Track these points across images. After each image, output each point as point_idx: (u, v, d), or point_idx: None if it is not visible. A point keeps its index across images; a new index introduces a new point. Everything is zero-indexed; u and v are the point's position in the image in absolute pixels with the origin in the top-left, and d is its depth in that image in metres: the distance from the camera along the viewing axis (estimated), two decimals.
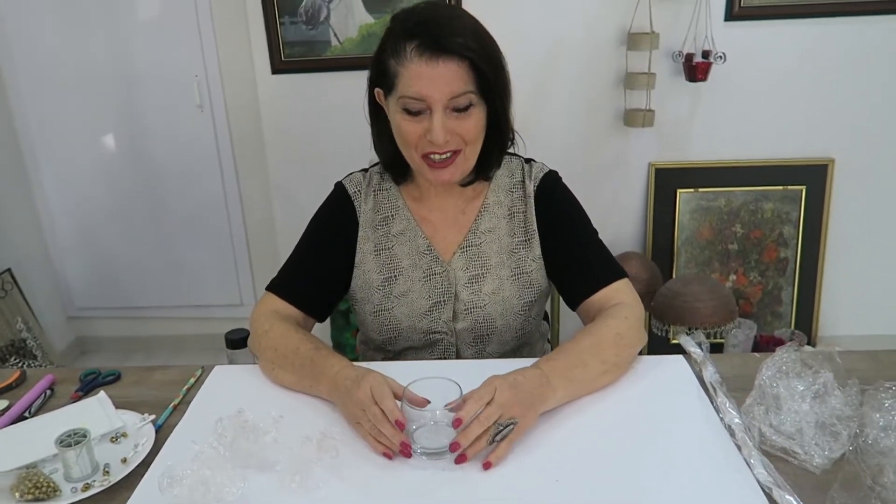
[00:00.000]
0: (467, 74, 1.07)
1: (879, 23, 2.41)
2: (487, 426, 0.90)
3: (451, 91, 1.07)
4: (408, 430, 0.93)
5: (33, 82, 2.63)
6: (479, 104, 1.10)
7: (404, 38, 1.07)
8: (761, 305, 2.69)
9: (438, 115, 1.07)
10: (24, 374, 1.20)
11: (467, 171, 1.18)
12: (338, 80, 2.56)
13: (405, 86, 1.08)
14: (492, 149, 1.19)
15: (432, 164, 1.13)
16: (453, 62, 1.06)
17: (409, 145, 1.13)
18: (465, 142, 1.12)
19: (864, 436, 0.89)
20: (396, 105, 1.11)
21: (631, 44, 2.40)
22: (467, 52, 1.06)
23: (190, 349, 2.95)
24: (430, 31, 1.06)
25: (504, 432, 0.90)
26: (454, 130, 1.10)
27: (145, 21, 2.53)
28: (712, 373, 1.08)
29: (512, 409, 0.91)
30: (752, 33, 2.43)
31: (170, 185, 2.75)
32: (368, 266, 1.26)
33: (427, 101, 1.07)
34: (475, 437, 0.89)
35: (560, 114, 2.56)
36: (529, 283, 1.25)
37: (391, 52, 1.09)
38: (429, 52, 1.06)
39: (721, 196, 2.61)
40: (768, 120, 2.54)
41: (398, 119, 1.12)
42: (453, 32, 1.06)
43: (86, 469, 0.92)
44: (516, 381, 0.95)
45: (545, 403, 0.98)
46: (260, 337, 1.17)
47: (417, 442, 0.93)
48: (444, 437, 0.91)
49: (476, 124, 1.11)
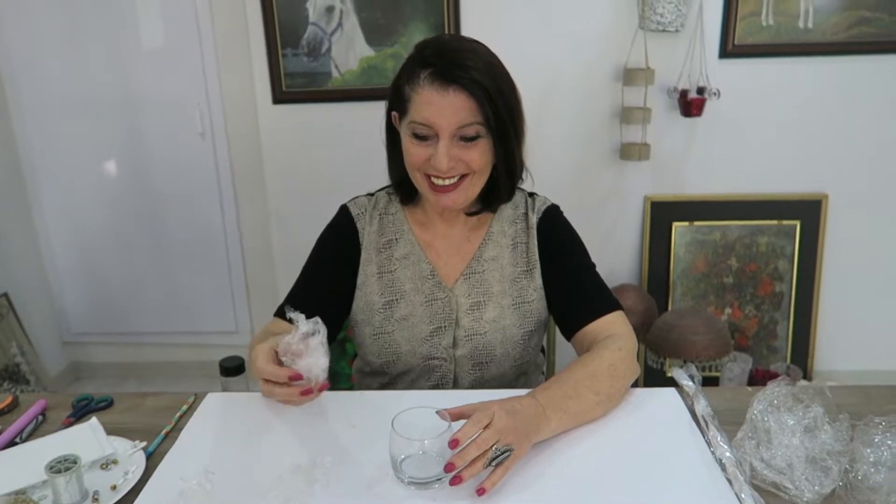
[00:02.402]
0: (476, 107, 1.09)
1: (871, 62, 2.45)
2: (485, 450, 0.89)
3: (458, 121, 1.09)
4: (395, 459, 0.92)
5: (37, 107, 2.66)
6: (486, 136, 1.12)
7: (420, 66, 1.11)
8: (757, 339, 2.69)
9: (444, 143, 1.10)
10: (16, 400, 1.20)
11: (471, 198, 1.19)
12: (338, 111, 2.60)
13: (415, 111, 1.11)
14: (500, 182, 1.21)
15: (435, 188, 1.15)
16: (463, 93, 1.08)
17: (414, 167, 1.16)
18: (470, 169, 1.14)
19: (854, 471, 0.89)
20: (406, 129, 1.14)
21: (627, 79, 2.45)
22: (478, 85, 1.08)
23: (185, 376, 2.93)
24: (444, 61, 1.09)
25: (500, 458, 0.89)
26: (460, 158, 1.12)
27: (149, 49, 2.57)
28: (704, 406, 1.08)
29: (508, 436, 0.91)
30: (746, 70, 2.48)
31: (169, 212, 2.77)
32: (370, 288, 1.27)
33: (434, 128, 1.10)
34: (471, 458, 0.88)
35: (557, 146, 2.59)
36: (530, 312, 1.26)
37: (406, 78, 1.13)
38: (440, 80, 1.09)
39: (716, 230, 2.63)
40: (762, 155, 2.57)
41: (406, 142, 1.15)
42: (467, 65, 1.09)
43: (75, 496, 0.91)
44: (514, 409, 0.95)
45: (539, 434, 0.98)
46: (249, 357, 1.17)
47: (405, 472, 0.92)
48: (432, 467, 0.91)
49: (482, 155, 1.13)
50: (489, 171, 1.18)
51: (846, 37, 2.41)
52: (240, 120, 2.64)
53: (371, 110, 1.23)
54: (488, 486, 0.88)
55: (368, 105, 1.25)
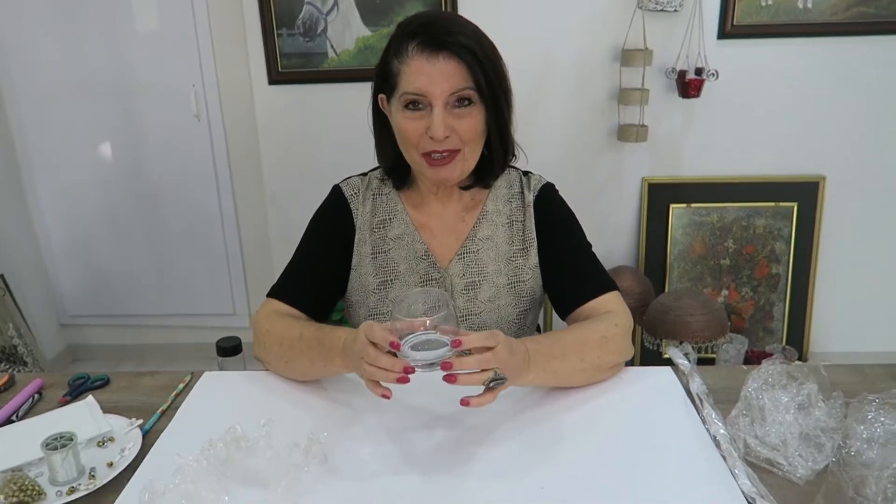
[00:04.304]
0: (467, 72, 1.09)
1: (871, 43, 2.44)
2: (485, 369, 0.90)
3: (450, 87, 1.09)
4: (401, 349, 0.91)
5: (30, 90, 2.64)
6: (478, 103, 1.12)
7: (407, 39, 1.11)
8: (753, 321, 2.70)
9: (438, 110, 1.09)
10: (12, 378, 1.20)
11: (466, 171, 1.19)
12: (334, 91, 2.58)
13: (407, 82, 1.10)
14: (494, 155, 1.21)
15: (432, 162, 1.14)
16: (453, 58, 1.09)
17: (410, 144, 1.14)
18: (463, 141, 1.13)
19: (847, 447, 0.90)
20: (398, 103, 1.13)
21: (625, 60, 2.43)
22: (467, 50, 1.08)
23: (182, 358, 2.94)
24: (431, 30, 1.10)
25: (497, 383, 0.90)
26: (453, 128, 1.11)
27: (144, 31, 2.55)
28: (699, 384, 1.08)
29: (505, 369, 0.92)
30: (744, 51, 2.46)
31: (165, 194, 2.76)
32: (365, 269, 1.27)
33: (428, 97, 1.09)
34: (468, 367, 0.89)
35: (554, 128, 2.58)
36: (525, 291, 1.26)
37: (394, 53, 1.13)
38: (429, 48, 1.09)
39: (714, 212, 2.62)
40: (760, 137, 2.56)
41: (399, 118, 1.14)
42: (454, 30, 1.09)
43: (71, 473, 0.92)
44: (513, 348, 0.96)
45: (519, 379, 0.99)
46: (263, 337, 1.17)
47: (409, 357, 0.90)
48: (436, 348, 0.90)
49: (475, 124, 1.13)
50: (482, 142, 1.17)
51: (846, 17, 2.40)
52: (235, 102, 2.63)
53: (368, 91, 1.21)
54: (474, 404, 0.90)
55: (365, 86, 1.23)
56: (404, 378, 0.89)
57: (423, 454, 0.97)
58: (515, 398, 1.08)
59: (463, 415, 1.05)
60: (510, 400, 1.07)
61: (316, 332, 1.11)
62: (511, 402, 1.07)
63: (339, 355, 1.04)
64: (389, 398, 0.92)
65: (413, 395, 1.08)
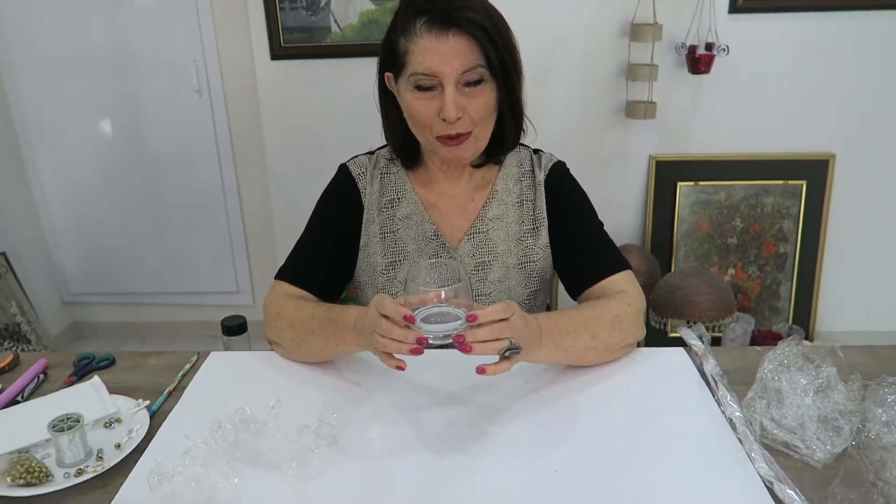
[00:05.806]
0: (478, 49, 1.06)
1: (883, 17, 2.39)
2: (499, 338, 0.88)
3: (461, 65, 1.05)
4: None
5: (29, 67, 2.60)
6: (489, 81, 1.09)
7: (414, 16, 1.07)
8: (759, 300, 2.69)
9: (450, 90, 1.06)
10: (17, 358, 1.19)
11: (479, 149, 1.16)
12: (337, 66, 2.54)
13: (416, 62, 1.06)
14: (506, 131, 1.18)
15: (446, 141, 1.11)
16: (463, 36, 1.05)
17: (423, 126, 1.11)
18: (474, 122, 1.10)
19: (866, 431, 0.89)
20: (407, 84, 1.10)
21: (634, 35, 2.38)
22: (477, 26, 1.05)
23: (185, 336, 2.93)
24: (439, 6, 1.05)
25: (512, 352, 0.89)
26: (465, 108, 1.08)
27: (143, 5, 2.50)
28: (713, 365, 1.07)
29: (519, 339, 0.90)
30: (756, 26, 2.42)
31: (167, 171, 2.73)
32: (373, 249, 1.25)
33: (438, 76, 1.06)
34: (482, 339, 0.87)
35: (561, 105, 2.54)
36: (535, 271, 1.24)
37: (401, 31, 1.08)
38: (438, 26, 1.05)
39: (721, 190, 2.60)
40: (770, 114, 2.53)
41: (409, 99, 1.10)
42: (462, 6, 1.05)
43: (79, 454, 0.90)
44: (527, 321, 0.95)
45: (531, 353, 0.98)
46: (274, 320, 1.16)
47: (422, 329, 0.89)
48: (449, 321, 0.89)
49: (486, 103, 1.10)
50: (494, 120, 1.14)
51: None
52: (237, 77, 2.59)
53: (372, 66, 1.18)
54: (490, 372, 0.89)
55: (369, 61, 1.20)
56: (418, 349, 0.87)
57: (435, 434, 0.96)
58: (528, 377, 1.07)
59: (474, 394, 1.04)
60: (522, 379, 1.06)
61: (327, 311, 1.09)
62: (523, 382, 1.06)
63: (351, 332, 1.02)
64: (404, 370, 0.91)
65: (423, 373, 1.07)
